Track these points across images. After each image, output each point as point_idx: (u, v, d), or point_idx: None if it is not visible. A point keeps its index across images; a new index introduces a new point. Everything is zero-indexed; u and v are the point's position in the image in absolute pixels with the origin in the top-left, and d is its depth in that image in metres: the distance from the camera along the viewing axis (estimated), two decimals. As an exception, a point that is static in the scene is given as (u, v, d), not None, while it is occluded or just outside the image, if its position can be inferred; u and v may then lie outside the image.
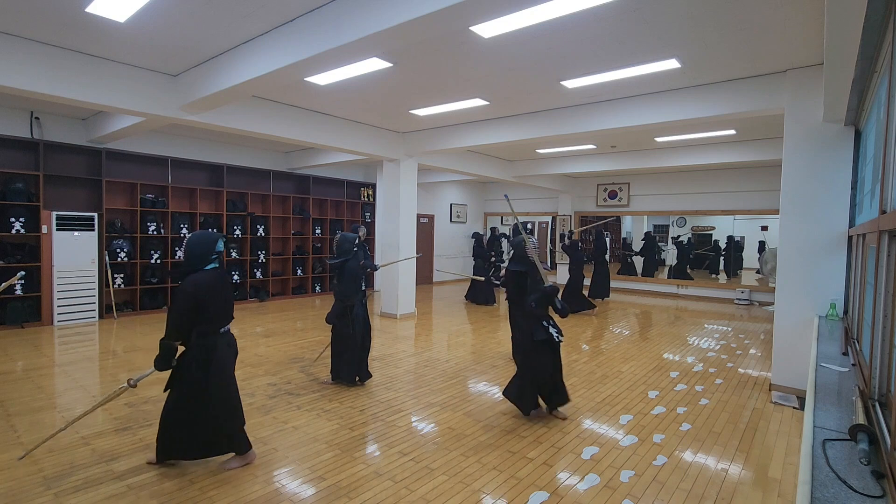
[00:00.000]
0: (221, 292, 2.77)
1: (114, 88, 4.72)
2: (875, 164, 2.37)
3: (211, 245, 2.73)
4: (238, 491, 2.65)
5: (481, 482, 2.81)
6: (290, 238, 9.95)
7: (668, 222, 12.96)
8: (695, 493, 2.75)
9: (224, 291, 2.81)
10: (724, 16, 3.51)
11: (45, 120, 6.90)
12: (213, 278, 2.72)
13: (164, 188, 8.08)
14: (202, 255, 2.71)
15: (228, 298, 2.87)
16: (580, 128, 5.96)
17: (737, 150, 8.14)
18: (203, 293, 2.66)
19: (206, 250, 2.72)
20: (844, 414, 1.76)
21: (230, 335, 2.93)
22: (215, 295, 2.71)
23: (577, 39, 3.96)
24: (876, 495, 1.19)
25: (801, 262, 4.28)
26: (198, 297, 2.64)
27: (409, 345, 6.17)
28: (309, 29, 3.60)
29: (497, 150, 9.63)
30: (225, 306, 2.82)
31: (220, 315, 2.80)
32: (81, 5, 3.54)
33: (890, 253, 1.77)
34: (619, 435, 3.51)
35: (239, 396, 2.96)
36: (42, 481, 2.71)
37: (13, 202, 6.41)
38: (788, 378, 4.39)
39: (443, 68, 4.75)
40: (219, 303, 2.75)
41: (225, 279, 2.83)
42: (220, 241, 2.77)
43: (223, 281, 2.80)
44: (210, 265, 2.75)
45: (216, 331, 2.78)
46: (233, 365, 2.93)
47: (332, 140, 6.86)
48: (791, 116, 4.38)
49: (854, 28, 2.21)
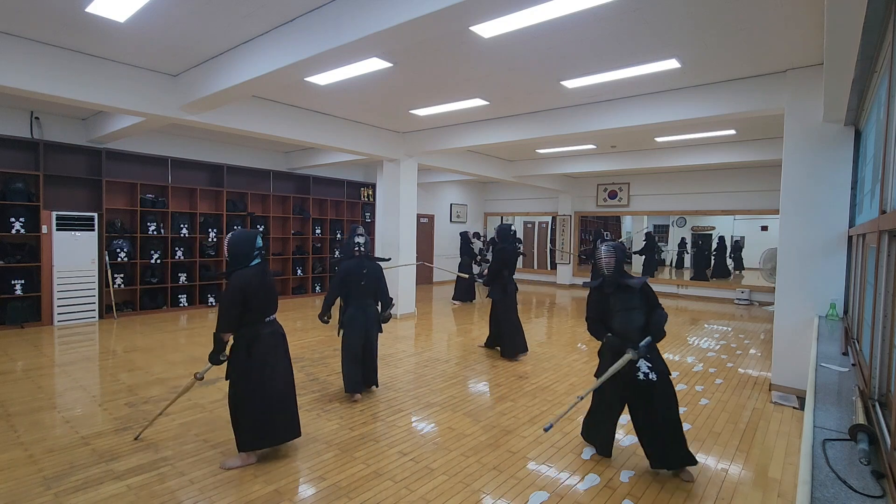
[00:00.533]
0: (264, 285, 2.96)
1: (114, 88, 4.72)
2: (875, 164, 2.37)
3: (251, 242, 2.91)
4: (238, 491, 2.65)
5: (481, 482, 2.81)
6: (290, 238, 9.95)
7: (668, 222, 12.97)
8: (695, 493, 2.75)
9: (267, 284, 2.99)
10: (725, 16, 3.51)
11: (45, 120, 6.90)
12: (257, 273, 2.90)
13: (164, 188, 8.08)
14: (245, 253, 2.89)
15: (271, 291, 3.05)
16: (580, 128, 5.96)
17: (737, 150, 8.14)
18: (249, 287, 2.85)
19: (248, 248, 2.90)
20: (844, 414, 1.75)
21: (276, 324, 3.07)
22: (259, 288, 2.88)
23: (577, 39, 3.96)
24: (876, 495, 1.19)
25: (801, 262, 4.28)
26: (244, 292, 2.83)
27: (409, 345, 6.16)
28: (309, 29, 3.60)
29: (497, 150, 9.64)
30: (268, 298, 3.00)
31: (265, 306, 2.97)
32: (81, 5, 3.54)
33: (890, 253, 1.77)
34: (619, 435, 3.50)
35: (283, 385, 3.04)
36: (42, 481, 2.71)
37: (13, 202, 6.41)
38: (788, 378, 4.39)
39: (443, 68, 4.75)
40: (262, 295, 2.93)
41: (268, 273, 3.00)
42: (258, 238, 2.95)
43: (266, 275, 2.97)
44: (254, 261, 2.92)
45: (261, 320, 2.94)
46: (279, 353, 3.05)
47: (332, 140, 6.87)
48: (791, 116, 4.38)
49: (854, 28, 2.21)
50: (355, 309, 4.10)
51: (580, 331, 7.17)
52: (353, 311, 4.10)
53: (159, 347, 5.70)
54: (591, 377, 4.87)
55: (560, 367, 5.23)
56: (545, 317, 8.51)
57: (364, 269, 4.13)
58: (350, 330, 4.08)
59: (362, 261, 4.14)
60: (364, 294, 4.14)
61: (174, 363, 5.09)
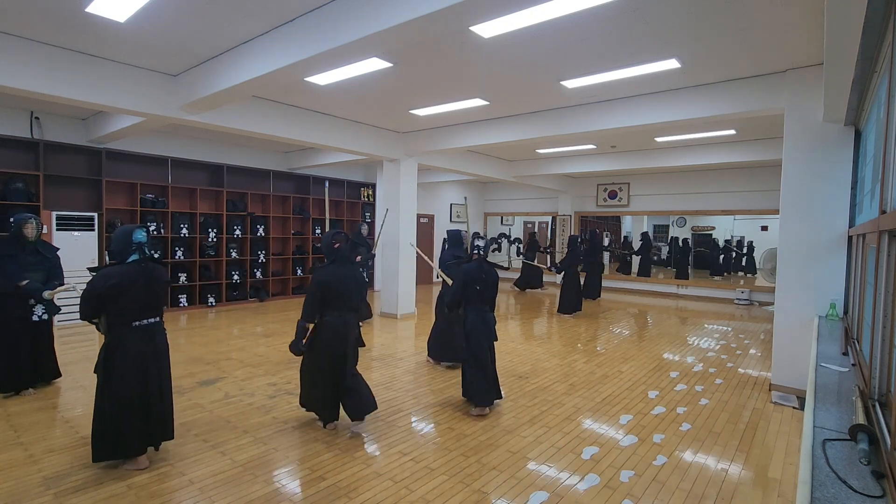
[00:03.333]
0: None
1: (114, 88, 4.72)
2: (875, 164, 2.37)
3: (126, 238, 2.91)
4: (238, 491, 2.65)
5: (481, 482, 2.81)
6: (290, 238, 9.95)
7: (668, 222, 12.96)
8: (695, 493, 2.75)
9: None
10: (725, 16, 3.51)
11: (45, 120, 6.90)
12: (129, 271, 2.84)
13: (164, 188, 8.08)
14: (120, 249, 2.91)
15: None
16: (580, 128, 5.96)
17: (737, 150, 8.14)
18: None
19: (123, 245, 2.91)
20: (844, 414, 1.75)
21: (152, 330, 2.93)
22: (129, 287, 2.81)
23: (577, 39, 3.96)
24: (876, 495, 1.19)
25: (801, 262, 4.28)
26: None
27: (409, 345, 6.16)
28: (309, 29, 3.60)
29: (497, 150, 9.63)
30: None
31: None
32: (81, 5, 3.54)
33: (890, 253, 1.77)
34: (619, 435, 3.50)
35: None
36: (42, 481, 2.71)
37: (13, 202, 6.40)
38: (788, 378, 4.39)
39: (443, 68, 4.75)
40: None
41: (150, 271, 2.93)
42: (136, 233, 2.92)
43: (146, 273, 2.90)
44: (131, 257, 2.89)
45: (128, 323, 2.83)
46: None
47: (333, 140, 6.86)
48: (791, 116, 4.38)
49: (854, 28, 2.21)
50: (475, 315, 3.82)
51: (580, 330, 7.17)
52: (473, 317, 3.82)
53: (159, 347, 5.69)
54: (591, 377, 4.87)
55: (560, 367, 5.23)
56: (545, 317, 8.51)
57: (483, 273, 3.83)
58: (475, 339, 3.78)
59: (482, 264, 3.87)
60: (482, 299, 3.85)
61: (174, 363, 5.06)
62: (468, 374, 3.85)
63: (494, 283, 3.94)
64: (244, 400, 4.05)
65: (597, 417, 3.84)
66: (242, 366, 5.00)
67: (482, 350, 3.79)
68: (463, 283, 3.82)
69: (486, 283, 3.84)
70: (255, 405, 3.93)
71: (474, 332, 3.80)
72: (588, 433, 3.53)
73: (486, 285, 3.85)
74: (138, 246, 2.88)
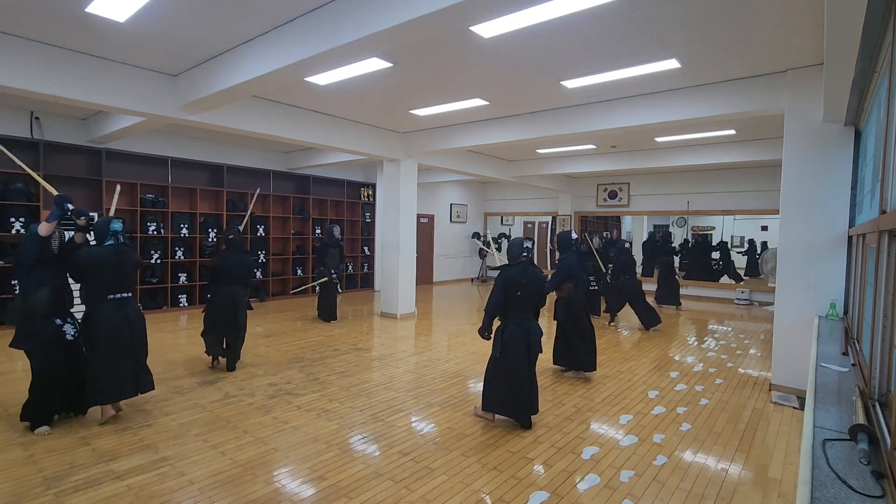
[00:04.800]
0: (109, 262, 3.42)
1: (114, 88, 4.72)
2: (875, 164, 2.37)
3: (105, 227, 3.47)
4: (238, 491, 2.65)
5: (481, 482, 2.81)
6: (290, 238, 9.95)
7: (668, 222, 12.97)
8: (695, 492, 2.75)
9: (116, 263, 3.46)
10: (725, 16, 3.51)
11: (45, 120, 6.90)
12: (106, 252, 3.42)
13: (164, 188, 8.08)
14: (100, 235, 3.49)
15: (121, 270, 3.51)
16: (580, 128, 5.96)
17: (737, 150, 8.14)
18: (511, 280, 3.54)
19: (102, 232, 3.48)
20: (844, 414, 1.75)
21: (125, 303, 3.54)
22: (106, 264, 3.40)
23: (577, 39, 3.96)
24: (876, 495, 1.19)
25: (801, 262, 4.28)
26: (506, 282, 3.55)
27: (409, 345, 6.17)
28: (308, 29, 3.60)
29: (497, 150, 9.63)
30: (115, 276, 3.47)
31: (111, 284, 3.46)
32: (81, 5, 3.54)
33: (890, 253, 1.77)
34: (619, 435, 3.51)
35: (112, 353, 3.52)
36: (42, 481, 2.71)
37: (13, 202, 6.41)
38: (788, 378, 4.39)
39: (443, 68, 4.75)
40: (109, 271, 3.43)
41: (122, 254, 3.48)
42: (112, 223, 3.49)
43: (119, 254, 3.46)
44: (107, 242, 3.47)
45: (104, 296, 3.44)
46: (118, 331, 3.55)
47: (333, 140, 6.86)
48: (791, 116, 4.38)
49: (854, 28, 2.21)
50: (514, 326, 3.58)
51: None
52: (512, 328, 3.58)
53: (159, 347, 5.70)
54: (593, 376, 4.87)
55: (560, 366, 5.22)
56: (544, 317, 8.50)
57: (525, 278, 3.58)
58: (511, 351, 3.55)
59: (526, 267, 3.61)
60: (524, 305, 3.60)
61: (174, 363, 5.10)
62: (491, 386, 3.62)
63: (539, 288, 3.66)
64: (244, 400, 4.05)
65: (597, 417, 3.84)
66: (242, 366, 5.00)
67: (515, 363, 3.52)
68: (503, 289, 3.57)
69: (528, 288, 3.57)
70: (255, 405, 3.93)
71: (511, 342, 3.55)
72: (588, 433, 3.53)
73: (528, 291, 3.57)
74: (114, 233, 3.47)
